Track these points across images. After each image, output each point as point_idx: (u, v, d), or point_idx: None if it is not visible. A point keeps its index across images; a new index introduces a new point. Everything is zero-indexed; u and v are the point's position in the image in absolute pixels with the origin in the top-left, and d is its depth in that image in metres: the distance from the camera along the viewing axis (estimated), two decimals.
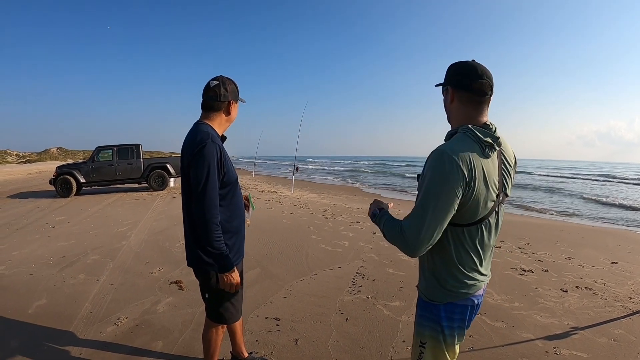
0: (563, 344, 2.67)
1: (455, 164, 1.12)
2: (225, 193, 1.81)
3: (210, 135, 1.74)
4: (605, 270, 4.53)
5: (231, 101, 1.89)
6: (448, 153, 1.14)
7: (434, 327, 1.29)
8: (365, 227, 6.66)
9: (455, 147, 1.16)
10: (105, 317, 3.05)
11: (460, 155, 1.13)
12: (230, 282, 1.79)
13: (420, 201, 1.16)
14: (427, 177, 1.16)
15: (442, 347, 1.29)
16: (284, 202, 10.05)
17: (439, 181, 1.13)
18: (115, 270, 4.25)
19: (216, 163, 1.71)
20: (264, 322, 2.97)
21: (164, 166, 12.61)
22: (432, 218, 1.13)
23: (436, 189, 1.13)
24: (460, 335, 1.31)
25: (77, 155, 57.69)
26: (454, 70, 1.28)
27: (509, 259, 4.83)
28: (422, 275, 1.36)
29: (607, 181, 25.31)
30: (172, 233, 6.11)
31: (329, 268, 4.36)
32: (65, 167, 11.94)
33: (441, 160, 1.14)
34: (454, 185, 1.12)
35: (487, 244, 1.27)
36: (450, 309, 1.27)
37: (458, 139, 1.20)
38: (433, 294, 1.29)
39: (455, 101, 1.28)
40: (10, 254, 4.94)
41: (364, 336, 2.76)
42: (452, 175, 1.12)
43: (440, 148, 1.18)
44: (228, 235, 1.83)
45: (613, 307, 3.35)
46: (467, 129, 1.21)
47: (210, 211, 1.69)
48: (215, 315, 1.95)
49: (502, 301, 3.44)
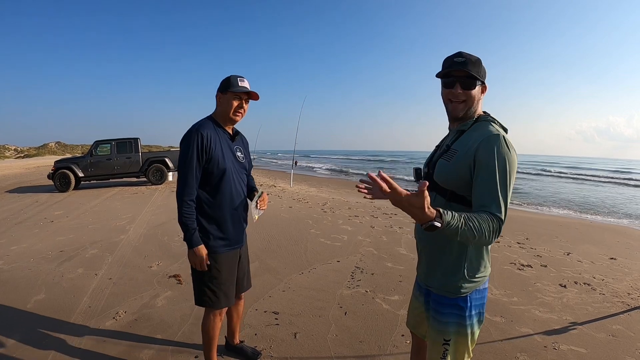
0: (562, 339, 2.68)
1: (512, 147, 1.23)
2: (209, 179, 1.92)
3: (198, 124, 1.91)
4: (604, 266, 4.54)
5: (217, 92, 1.99)
6: (507, 139, 1.25)
7: (462, 322, 1.30)
8: (364, 221, 6.66)
9: (503, 134, 1.26)
10: (104, 312, 3.05)
11: (510, 140, 1.26)
12: (192, 259, 1.92)
13: (499, 181, 1.19)
14: (498, 159, 1.20)
15: (468, 340, 1.32)
16: (283, 196, 10.03)
17: (511, 162, 1.21)
18: (114, 265, 4.25)
19: (196, 148, 1.84)
20: (263, 316, 2.97)
21: (163, 160, 12.57)
22: (509, 195, 1.21)
23: (511, 169, 1.20)
24: (482, 319, 1.37)
25: (75, 149, 57.45)
26: (481, 66, 1.34)
27: (507, 254, 4.84)
28: (440, 273, 1.35)
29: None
30: (170, 227, 6.10)
31: (328, 262, 4.36)
32: (64, 162, 11.89)
33: (505, 145, 1.22)
34: (516, 167, 1.24)
35: None
36: (475, 297, 1.32)
37: (496, 126, 1.31)
38: (462, 287, 1.30)
39: (482, 94, 1.39)
40: (9, 249, 4.93)
41: (363, 330, 2.77)
42: (515, 155, 1.23)
43: (497, 134, 1.24)
44: (206, 220, 1.95)
45: (611, 303, 3.35)
46: (490, 117, 1.35)
47: (182, 189, 1.86)
48: (196, 296, 2.05)
49: (501, 296, 3.44)
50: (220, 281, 1.99)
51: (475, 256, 1.30)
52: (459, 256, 1.29)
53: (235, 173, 1.99)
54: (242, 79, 1.95)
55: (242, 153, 2.10)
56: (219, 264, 1.98)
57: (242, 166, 2.08)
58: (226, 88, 1.93)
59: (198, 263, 1.92)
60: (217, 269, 1.97)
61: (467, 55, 1.31)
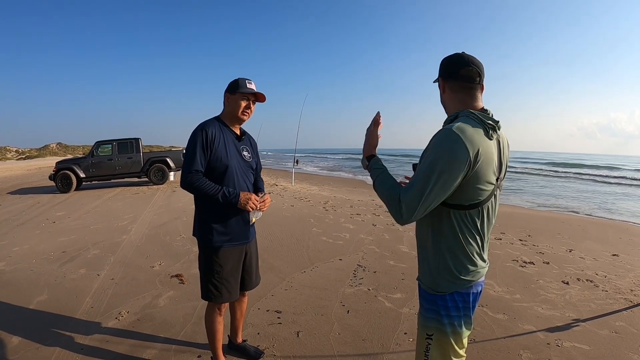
0: (564, 336, 2.67)
1: (461, 142, 1.14)
2: (212, 175, 1.96)
3: (204, 123, 2.00)
4: (606, 262, 4.53)
5: (225, 93, 2.06)
6: (454, 131, 1.15)
7: (440, 319, 1.28)
8: (366, 219, 6.66)
9: (461, 125, 1.18)
10: (107, 312, 3.05)
11: (467, 134, 1.15)
12: (245, 203, 1.95)
13: (422, 175, 1.16)
14: (432, 153, 1.17)
15: (450, 338, 1.28)
16: (285, 194, 10.04)
17: (445, 157, 1.14)
18: (116, 265, 4.25)
19: (200, 143, 1.91)
20: (265, 315, 2.97)
21: (164, 160, 12.58)
22: (432, 193, 1.15)
23: (442, 165, 1.14)
24: (467, 323, 1.30)
25: (76, 150, 57.53)
26: (444, 63, 1.35)
27: (509, 251, 4.83)
28: (425, 267, 1.34)
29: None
30: (172, 227, 6.11)
31: (330, 260, 4.36)
32: (65, 163, 11.91)
33: (448, 138, 1.15)
34: (460, 162, 1.13)
35: (487, 228, 1.30)
36: (456, 298, 1.27)
37: (462, 120, 1.22)
38: (439, 285, 1.28)
39: (447, 90, 1.35)
40: (11, 250, 4.94)
41: (365, 328, 2.77)
42: (459, 151, 1.13)
43: (446, 127, 1.20)
44: (210, 215, 1.99)
45: (614, 300, 3.34)
46: (468, 112, 1.25)
47: (187, 167, 1.91)
48: (201, 289, 2.07)
49: (504, 293, 3.44)
50: (222, 276, 2.01)
51: (450, 256, 1.26)
52: (435, 253, 1.29)
53: (240, 171, 2.04)
54: (250, 81, 2.05)
55: (249, 153, 2.15)
56: (221, 259, 2.00)
57: (249, 165, 2.12)
58: (235, 89, 2.02)
59: (252, 203, 1.97)
60: (219, 264, 2.00)
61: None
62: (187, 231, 5.75)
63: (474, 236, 1.26)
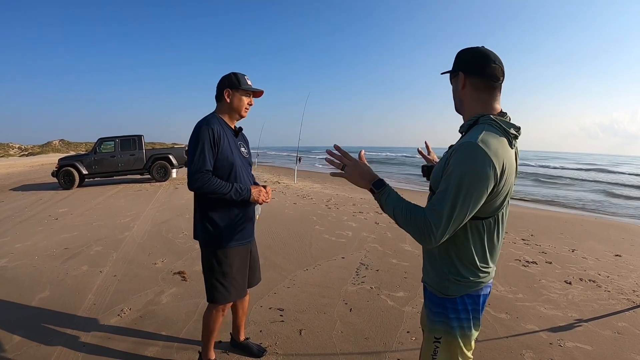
0: (567, 336, 2.67)
1: (488, 160, 1.07)
2: (218, 173, 1.93)
3: (205, 120, 1.95)
4: (609, 262, 4.51)
5: (226, 89, 2.01)
6: (482, 148, 1.08)
7: (449, 322, 1.26)
8: (369, 217, 6.65)
9: (487, 140, 1.10)
10: (109, 309, 3.06)
11: (492, 148, 1.09)
12: (257, 197, 1.99)
13: (450, 195, 1.09)
14: (457, 170, 1.10)
15: (459, 341, 1.26)
16: (287, 192, 10.04)
17: (473, 175, 1.08)
18: (119, 262, 4.26)
19: (208, 140, 1.87)
20: (268, 313, 2.97)
21: (167, 157, 12.60)
22: (460, 213, 1.09)
23: (469, 185, 1.08)
24: (476, 325, 1.28)
25: (79, 147, 57.67)
26: (466, 56, 1.25)
27: (512, 250, 4.82)
28: (432, 271, 1.31)
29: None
30: (175, 224, 6.12)
31: (333, 258, 4.36)
32: (68, 159, 11.94)
33: (474, 154, 1.08)
34: (487, 182, 1.08)
35: (501, 234, 1.26)
36: (466, 301, 1.25)
37: (487, 131, 1.14)
38: (449, 289, 1.25)
39: (468, 88, 1.24)
40: (14, 247, 4.96)
41: (368, 327, 2.76)
42: (486, 169, 1.07)
43: (471, 142, 1.10)
44: (217, 215, 1.96)
45: (617, 300, 3.33)
46: (490, 120, 1.17)
47: (197, 166, 1.85)
48: (207, 292, 2.04)
49: (506, 292, 3.43)
50: (231, 276, 2.00)
51: (459, 258, 1.22)
52: (442, 256, 1.25)
53: (242, 168, 2.04)
54: (247, 77, 2.04)
55: (245, 149, 2.15)
56: (230, 259, 1.99)
57: (247, 161, 2.13)
58: (237, 85, 1.99)
59: (262, 196, 2.01)
60: (228, 264, 1.99)
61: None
62: (189, 228, 5.75)
63: (488, 244, 1.22)
